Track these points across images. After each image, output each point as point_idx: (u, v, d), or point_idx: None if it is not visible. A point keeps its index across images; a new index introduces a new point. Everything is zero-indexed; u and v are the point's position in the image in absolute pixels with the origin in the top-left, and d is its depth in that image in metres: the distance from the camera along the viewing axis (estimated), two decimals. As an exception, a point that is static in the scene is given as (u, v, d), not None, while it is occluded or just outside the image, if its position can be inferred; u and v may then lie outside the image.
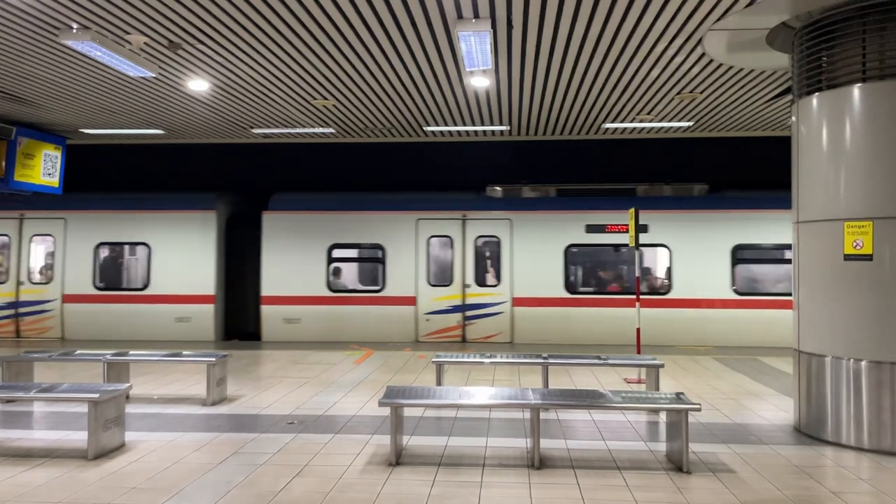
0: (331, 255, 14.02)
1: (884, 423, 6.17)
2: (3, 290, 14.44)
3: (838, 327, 6.48)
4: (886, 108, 6.23)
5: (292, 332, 13.88)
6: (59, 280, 14.36)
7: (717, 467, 5.73)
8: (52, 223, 14.52)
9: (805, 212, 6.86)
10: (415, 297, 13.80)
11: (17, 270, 14.46)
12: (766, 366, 10.81)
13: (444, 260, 14.01)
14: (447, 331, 13.75)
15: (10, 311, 14.41)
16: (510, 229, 13.77)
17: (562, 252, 13.63)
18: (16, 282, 14.43)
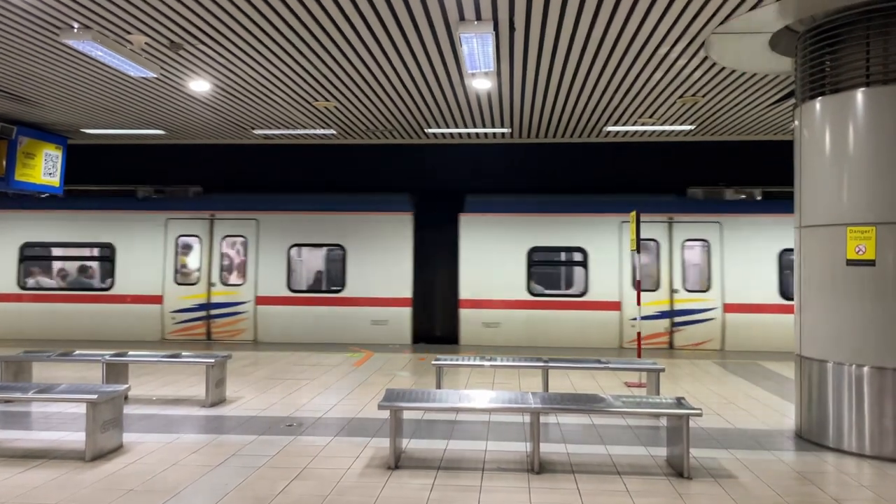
0: (530, 258, 13.73)
1: (886, 429, 6.13)
2: (195, 292, 14.16)
3: (840, 333, 6.44)
4: (891, 112, 6.20)
5: (492, 336, 13.64)
6: (252, 282, 14.10)
7: (719, 473, 5.70)
8: (244, 224, 14.27)
9: (808, 216, 6.83)
10: (619, 301, 13.50)
11: (207, 272, 14.18)
12: (768, 370, 10.77)
13: (647, 263, 13.71)
14: (654, 337, 13.39)
15: (202, 314, 14.13)
16: (720, 232, 13.47)
17: (775, 255, 13.31)
18: (207, 283, 14.17)
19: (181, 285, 14.12)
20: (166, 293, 14.10)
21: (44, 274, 14.71)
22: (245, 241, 14.23)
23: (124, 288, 14.14)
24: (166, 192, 14.97)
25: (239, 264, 14.32)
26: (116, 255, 14.21)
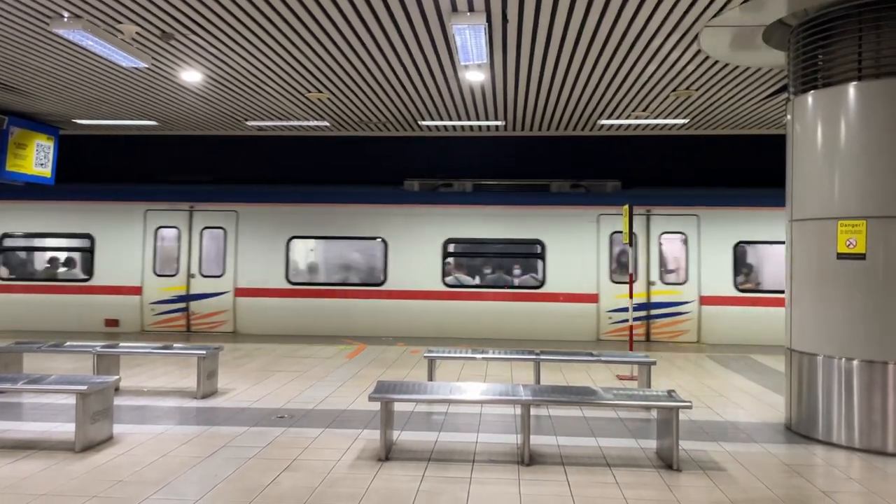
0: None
1: (875, 422, 6.16)
2: None
3: (830, 326, 6.46)
4: (882, 106, 6.21)
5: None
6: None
7: (708, 465, 5.72)
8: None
9: (799, 210, 6.84)
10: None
11: None
12: (759, 364, 10.81)
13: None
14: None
15: None
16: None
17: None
18: None
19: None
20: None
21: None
22: None
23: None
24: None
25: None
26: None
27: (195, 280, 13.93)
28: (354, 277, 14.22)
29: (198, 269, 13.97)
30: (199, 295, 13.94)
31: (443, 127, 12.99)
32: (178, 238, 14.04)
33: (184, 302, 13.96)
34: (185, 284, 13.94)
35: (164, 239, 14.12)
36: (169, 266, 14.02)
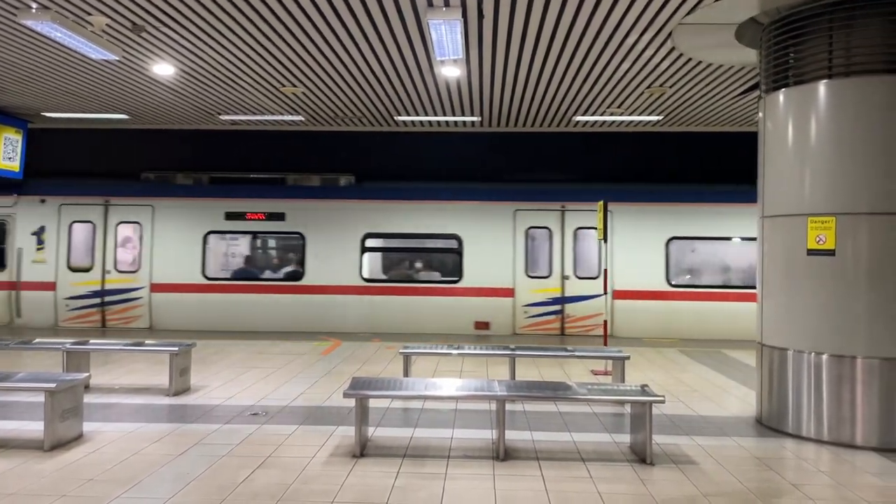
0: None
1: (843, 416, 6.26)
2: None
3: (801, 321, 6.56)
4: (851, 104, 6.30)
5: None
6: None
7: (680, 459, 5.77)
8: None
9: (770, 207, 6.93)
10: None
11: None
12: (731, 359, 10.94)
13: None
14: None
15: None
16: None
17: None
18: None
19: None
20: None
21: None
22: None
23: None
24: None
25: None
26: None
27: (569, 282, 13.58)
28: None
29: (572, 270, 13.60)
30: (575, 297, 13.58)
31: (419, 122, 12.96)
32: (549, 238, 13.73)
33: (558, 304, 13.61)
34: (559, 286, 13.58)
35: (535, 239, 13.82)
36: (541, 267, 13.70)
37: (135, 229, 13.77)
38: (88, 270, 13.66)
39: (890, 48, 6.20)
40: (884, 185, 6.17)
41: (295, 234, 13.84)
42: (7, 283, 13.69)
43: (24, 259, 13.68)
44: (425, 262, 14.24)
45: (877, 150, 6.18)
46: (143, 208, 13.74)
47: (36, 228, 13.68)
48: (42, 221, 13.71)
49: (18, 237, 13.70)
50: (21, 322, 13.71)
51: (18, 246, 13.64)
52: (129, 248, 13.85)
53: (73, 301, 13.64)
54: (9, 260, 13.71)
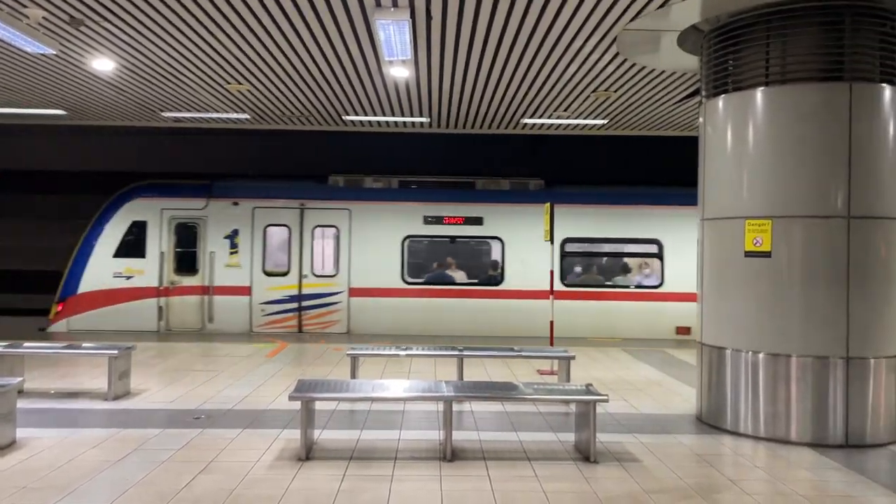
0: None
1: (779, 412, 6.47)
2: None
3: (738, 321, 6.75)
4: (787, 111, 6.52)
5: None
6: None
7: (623, 457, 5.88)
8: None
9: (710, 209, 7.12)
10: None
11: None
12: (673, 357, 11.19)
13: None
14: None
15: None
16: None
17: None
18: None
19: None
20: None
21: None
22: None
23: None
24: None
25: None
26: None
27: None
28: None
29: None
30: None
31: (367, 122, 12.89)
32: None
33: None
34: None
35: None
36: None
37: (332, 233, 13.77)
38: (285, 275, 13.53)
39: (822, 57, 6.44)
40: (817, 189, 6.40)
41: (494, 239, 13.86)
42: (199, 288, 13.47)
43: (216, 263, 13.49)
44: (622, 267, 14.30)
45: (811, 155, 6.41)
46: (340, 212, 13.72)
47: (229, 232, 13.54)
48: (235, 225, 13.58)
49: (210, 241, 13.53)
50: (213, 328, 13.49)
51: (210, 250, 13.50)
52: (327, 252, 13.76)
53: (269, 306, 13.53)
54: (200, 264, 13.52)
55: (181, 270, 13.56)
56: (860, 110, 6.32)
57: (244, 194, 13.77)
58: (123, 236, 13.46)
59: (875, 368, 6.34)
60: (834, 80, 6.37)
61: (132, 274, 13.38)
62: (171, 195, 13.70)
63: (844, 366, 6.29)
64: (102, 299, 13.29)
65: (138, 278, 13.39)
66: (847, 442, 6.27)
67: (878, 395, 6.35)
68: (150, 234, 13.49)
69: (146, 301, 13.41)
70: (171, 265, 13.54)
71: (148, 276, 13.44)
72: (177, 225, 13.61)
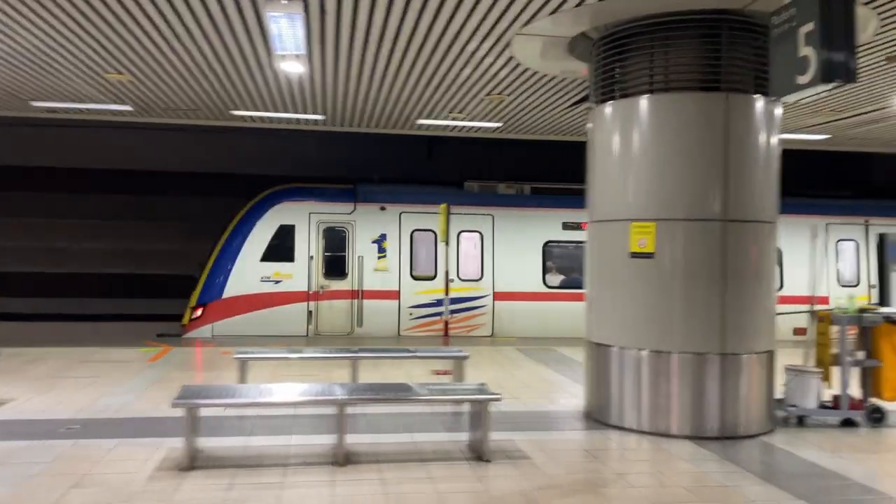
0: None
1: (661, 407, 6.75)
2: None
3: (624, 320, 6.99)
4: (669, 119, 6.81)
5: None
6: None
7: (515, 455, 5.96)
8: None
9: (598, 212, 7.34)
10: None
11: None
12: (564, 356, 11.50)
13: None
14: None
15: None
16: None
17: None
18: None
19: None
20: None
21: None
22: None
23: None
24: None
25: None
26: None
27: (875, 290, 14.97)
28: None
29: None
30: None
31: (258, 118, 12.51)
32: (856, 251, 15.12)
33: None
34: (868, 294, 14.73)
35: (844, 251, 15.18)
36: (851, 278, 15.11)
37: (475, 238, 14.00)
38: (432, 279, 13.56)
39: (701, 67, 6.76)
40: (697, 193, 6.72)
41: None
42: (349, 293, 13.46)
43: (364, 267, 13.49)
44: None
45: (691, 161, 6.73)
46: (483, 217, 14.01)
47: (376, 236, 13.59)
48: (382, 230, 13.62)
49: (358, 245, 13.56)
50: (362, 331, 13.49)
51: (359, 254, 13.53)
52: (471, 256, 13.96)
53: (416, 310, 13.56)
54: (349, 268, 13.52)
55: (330, 275, 13.52)
56: (735, 120, 6.69)
57: (390, 199, 13.84)
58: (271, 240, 13.29)
59: (747, 364, 6.72)
60: (712, 91, 6.70)
61: (281, 278, 13.22)
62: (319, 199, 13.74)
63: (720, 362, 6.64)
64: (250, 304, 13.05)
65: (287, 282, 13.25)
66: (722, 434, 6.61)
67: (750, 388, 6.74)
68: (299, 238, 13.43)
69: (296, 305, 13.29)
70: (321, 269, 13.46)
71: (297, 280, 13.31)
72: (325, 229, 13.63)
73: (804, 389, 7.18)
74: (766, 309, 6.91)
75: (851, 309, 7.29)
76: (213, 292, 13.12)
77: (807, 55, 5.25)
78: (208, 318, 13.05)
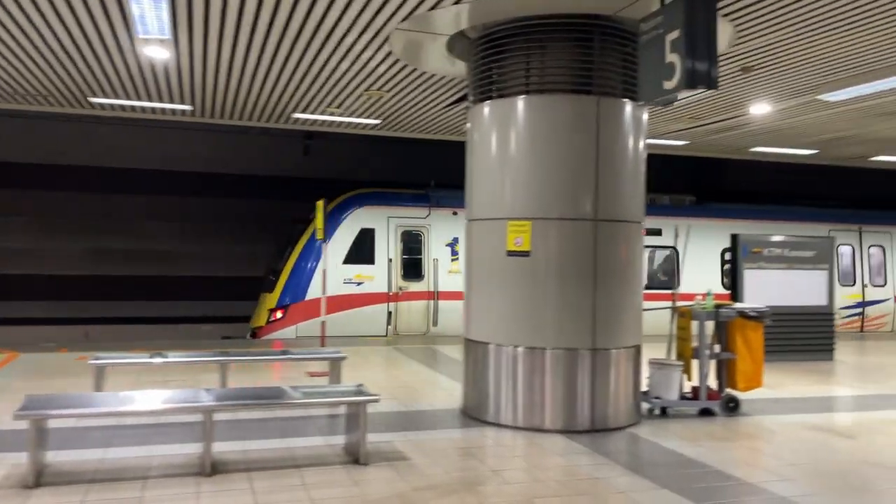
0: None
1: (536, 402, 6.86)
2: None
3: (501, 317, 7.06)
4: (544, 119, 6.93)
5: None
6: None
7: (393, 456, 5.86)
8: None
9: (476, 210, 7.37)
10: None
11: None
12: (442, 354, 11.53)
13: None
14: None
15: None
16: None
17: None
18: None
19: None
20: None
21: None
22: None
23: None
24: None
25: None
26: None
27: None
28: None
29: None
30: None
31: (118, 107, 11.71)
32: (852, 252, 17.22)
33: (860, 308, 16.98)
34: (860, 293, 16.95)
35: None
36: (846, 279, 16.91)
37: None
38: None
39: (574, 70, 6.92)
40: (570, 193, 6.88)
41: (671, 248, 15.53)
42: (426, 294, 13.94)
43: (440, 269, 13.97)
44: None
45: (565, 162, 6.88)
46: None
47: (450, 240, 14.11)
48: (455, 233, 14.04)
49: (433, 248, 14.08)
50: (437, 331, 13.98)
51: (434, 256, 14.02)
52: None
53: None
54: (425, 270, 14.03)
55: (408, 277, 14.03)
56: (605, 123, 6.90)
57: (460, 204, 13.24)
58: (353, 243, 13.71)
59: (616, 358, 6.96)
60: (584, 94, 6.88)
61: (363, 280, 13.69)
62: (396, 204, 14.26)
63: (591, 357, 6.83)
64: (334, 305, 13.06)
65: (368, 284, 13.72)
66: (593, 427, 6.81)
67: (618, 382, 6.98)
68: (378, 242, 13.90)
69: (377, 306, 13.77)
70: (399, 271, 13.95)
71: (378, 282, 13.78)
72: (403, 232, 14.13)
73: (667, 382, 7.54)
74: (633, 305, 7.19)
75: (709, 305, 7.73)
76: (295, 294, 13.32)
77: (673, 62, 5.48)
78: (291, 319, 13.24)
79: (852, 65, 8.39)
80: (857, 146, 14.19)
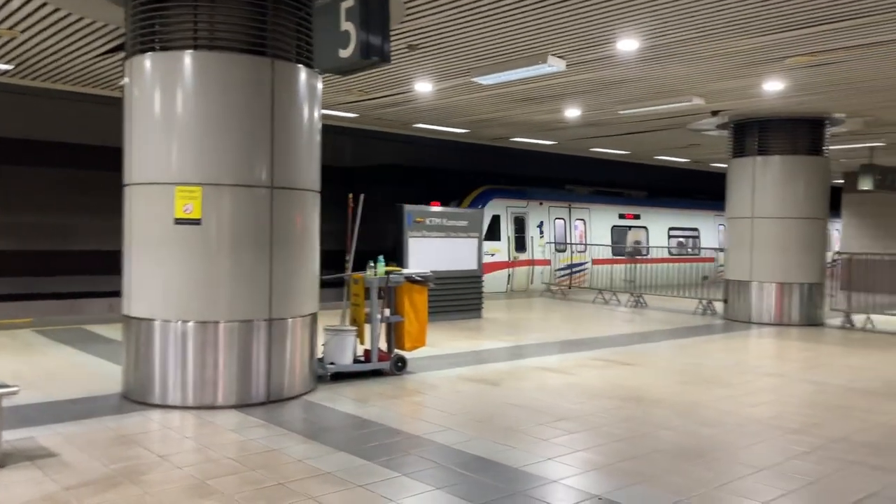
0: None
1: (207, 379, 6.52)
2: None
3: (168, 291, 6.54)
4: (215, 78, 6.49)
5: None
6: None
7: (38, 454, 5.10)
8: None
9: (136, 174, 6.69)
10: None
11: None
12: (95, 335, 10.37)
13: None
14: None
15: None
16: None
17: None
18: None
19: None
20: None
21: None
22: None
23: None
24: None
25: None
26: None
27: None
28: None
29: None
30: None
31: None
32: None
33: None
34: None
35: None
36: None
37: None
38: (564, 251, 20.31)
39: (248, 30, 6.59)
40: (245, 158, 6.58)
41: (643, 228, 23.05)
42: (527, 261, 19.41)
43: (534, 244, 19.63)
44: None
45: (238, 125, 6.54)
46: (585, 210, 21.39)
47: (538, 223, 19.85)
48: (541, 218, 19.97)
49: (530, 229, 19.62)
50: (532, 287, 19.32)
51: (531, 235, 19.58)
52: (582, 235, 21.31)
53: (558, 272, 19.87)
54: (527, 245, 19.47)
55: (517, 249, 19.20)
56: (280, 87, 6.70)
57: (544, 197, 20.13)
58: (489, 226, 17.83)
59: (293, 328, 6.92)
60: (258, 55, 6.60)
61: (494, 252, 18.24)
62: (510, 197, 19.28)
63: (268, 327, 6.69)
64: None
65: (497, 256, 18.48)
66: (269, 398, 6.71)
67: (294, 351, 6.95)
68: (503, 224, 18.91)
69: (502, 271, 18.70)
70: (513, 246, 19.10)
71: (502, 254, 18.75)
72: (514, 217, 19.22)
73: (341, 347, 7.74)
74: (310, 273, 7.19)
75: (380, 272, 8.08)
76: None
77: (348, 30, 5.52)
78: None
79: (503, 51, 9.30)
80: (500, 128, 15.99)
